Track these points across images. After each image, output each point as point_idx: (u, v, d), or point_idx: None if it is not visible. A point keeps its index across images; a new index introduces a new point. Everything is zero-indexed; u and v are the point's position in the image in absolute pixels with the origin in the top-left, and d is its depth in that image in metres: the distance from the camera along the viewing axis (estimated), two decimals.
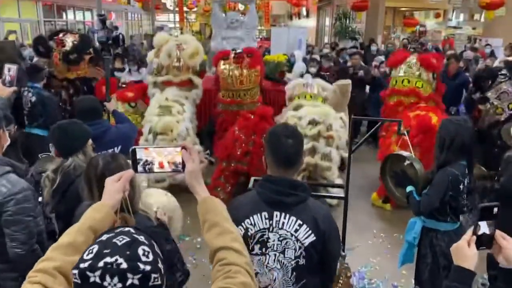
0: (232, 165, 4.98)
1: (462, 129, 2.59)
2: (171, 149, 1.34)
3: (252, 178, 2.98)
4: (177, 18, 17.31)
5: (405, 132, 3.07)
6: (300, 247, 1.71)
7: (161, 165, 1.32)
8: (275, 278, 1.74)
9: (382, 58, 8.57)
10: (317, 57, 8.03)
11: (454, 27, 23.74)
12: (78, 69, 6.26)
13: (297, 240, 1.70)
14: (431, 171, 2.76)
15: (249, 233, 1.74)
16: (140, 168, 1.32)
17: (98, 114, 3.25)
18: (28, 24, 14.81)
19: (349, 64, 8.13)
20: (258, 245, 1.75)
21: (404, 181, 2.81)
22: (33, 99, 4.40)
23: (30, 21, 14.90)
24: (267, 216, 1.72)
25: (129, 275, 0.87)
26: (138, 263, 0.89)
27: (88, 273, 0.87)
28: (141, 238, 0.95)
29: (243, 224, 1.73)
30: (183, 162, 1.33)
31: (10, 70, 3.07)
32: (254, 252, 1.76)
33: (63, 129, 2.47)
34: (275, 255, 1.73)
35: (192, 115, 5.71)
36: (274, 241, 1.72)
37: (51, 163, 2.55)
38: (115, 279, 0.86)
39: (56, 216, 2.56)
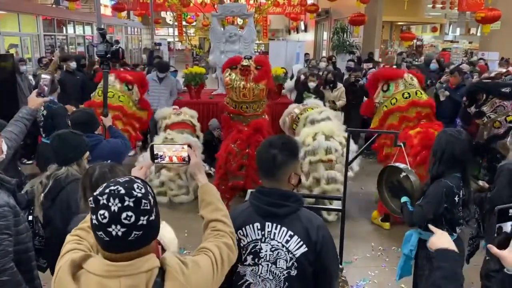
0: (230, 182, 4.96)
1: (454, 141, 2.59)
2: (178, 146, 1.71)
3: (249, 191, 2.98)
4: (177, 32, 17.46)
5: (402, 144, 3.08)
6: (291, 258, 1.70)
7: (170, 159, 1.71)
8: None
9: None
10: (315, 71, 8.13)
11: (451, 41, 24.02)
12: None
13: (288, 251, 1.70)
14: (426, 183, 2.76)
15: (241, 244, 1.73)
16: (156, 160, 1.70)
17: (91, 127, 3.25)
18: (28, 38, 14.93)
19: (346, 77, 8.24)
20: (251, 256, 1.74)
21: (399, 192, 2.81)
22: (44, 112, 4.43)
23: (30, 35, 15.02)
24: (259, 227, 1.72)
25: (126, 198, 1.20)
26: (133, 191, 1.22)
27: (98, 197, 1.22)
28: (138, 180, 1.29)
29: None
30: (188, 156, 1.69)
31: (44, 80, 3.05)
32: (246, 263, 1.75)
33: (61, 138, 2.53)
34: (267, 265, 1.72)
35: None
36: (266, 251, 1.72)
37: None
38: (116, 200, 1.20)
39: (45, 223, 2.54)
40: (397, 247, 4.48)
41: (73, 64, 7.48)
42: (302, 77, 7.52)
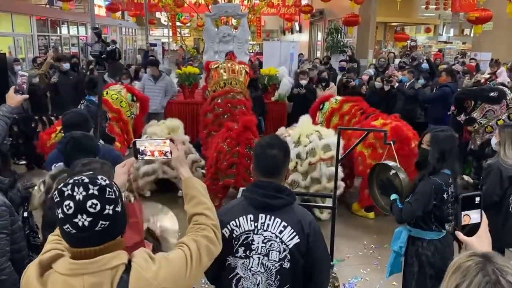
0: (220, 182, 4.95)
1: (452, 138, 2.69)
2: (159, 140, 1.70)
3: (241, 189, 2.99)
4: (171, 33, 17.44)
5: (391, 142, 3.11)
6: (284, 249, 1.73)
7: (152, 153, 1.70)
8: (259, 283, 1.75)
9: (371, 71, 8.69)
10: (307, 69, 8.15)
11: (445, 42, 24.17)
12: None
13: (282, 241, 1.73)
14: (419, 179, 2.78)
15: (233, 235, 1.76)
16: (138, 156, 1.70)
17: (84, 129, 3.06)
18: (22, 38, 14.84)
19: (339, 77, 8.28)
20: (242, 248, 1.76)
21: (388, 189, 2.84)
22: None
23: (23, 36, 14.94)
24: (252, 219, 1.76)
25: (90, 186, 1.22)
26: (97, 180, 1.25)
27: (63, 188, 1.23)
28: (102, 175, 1.30)
29: (228, 226, 1.76)
30: (170, 151, 1.68)
31: (22, 77, 3.02)
32: (238, 255, 1.77)
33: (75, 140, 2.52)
34: (259, 258, 1.75)
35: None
36: (258, 243, 1.75)
37: (38, 178, 2.55)
38: (81, 189, 1.21)
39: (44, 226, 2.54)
40: (389, 245, 4.49)
41: (66, 65, 7.45)
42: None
